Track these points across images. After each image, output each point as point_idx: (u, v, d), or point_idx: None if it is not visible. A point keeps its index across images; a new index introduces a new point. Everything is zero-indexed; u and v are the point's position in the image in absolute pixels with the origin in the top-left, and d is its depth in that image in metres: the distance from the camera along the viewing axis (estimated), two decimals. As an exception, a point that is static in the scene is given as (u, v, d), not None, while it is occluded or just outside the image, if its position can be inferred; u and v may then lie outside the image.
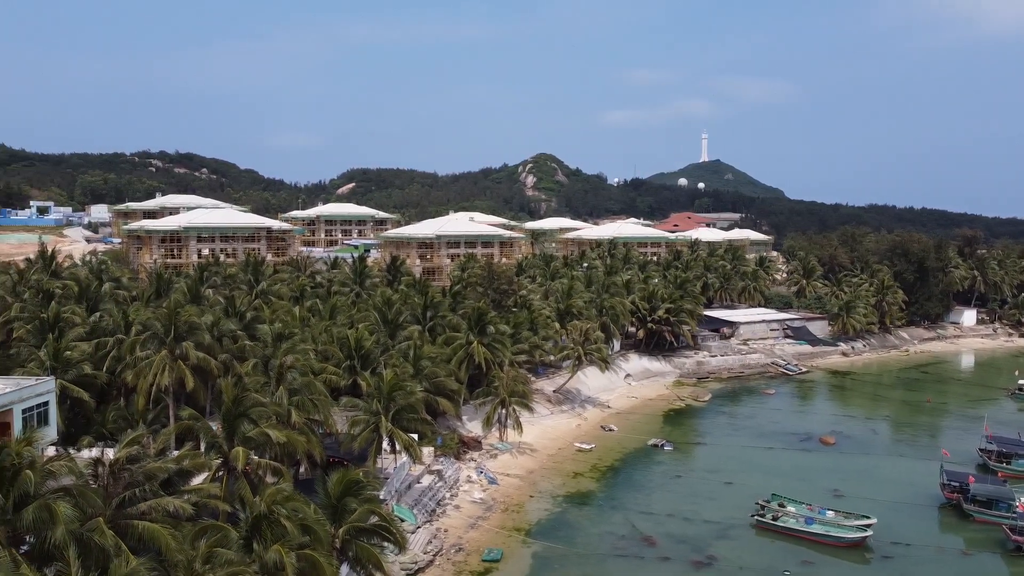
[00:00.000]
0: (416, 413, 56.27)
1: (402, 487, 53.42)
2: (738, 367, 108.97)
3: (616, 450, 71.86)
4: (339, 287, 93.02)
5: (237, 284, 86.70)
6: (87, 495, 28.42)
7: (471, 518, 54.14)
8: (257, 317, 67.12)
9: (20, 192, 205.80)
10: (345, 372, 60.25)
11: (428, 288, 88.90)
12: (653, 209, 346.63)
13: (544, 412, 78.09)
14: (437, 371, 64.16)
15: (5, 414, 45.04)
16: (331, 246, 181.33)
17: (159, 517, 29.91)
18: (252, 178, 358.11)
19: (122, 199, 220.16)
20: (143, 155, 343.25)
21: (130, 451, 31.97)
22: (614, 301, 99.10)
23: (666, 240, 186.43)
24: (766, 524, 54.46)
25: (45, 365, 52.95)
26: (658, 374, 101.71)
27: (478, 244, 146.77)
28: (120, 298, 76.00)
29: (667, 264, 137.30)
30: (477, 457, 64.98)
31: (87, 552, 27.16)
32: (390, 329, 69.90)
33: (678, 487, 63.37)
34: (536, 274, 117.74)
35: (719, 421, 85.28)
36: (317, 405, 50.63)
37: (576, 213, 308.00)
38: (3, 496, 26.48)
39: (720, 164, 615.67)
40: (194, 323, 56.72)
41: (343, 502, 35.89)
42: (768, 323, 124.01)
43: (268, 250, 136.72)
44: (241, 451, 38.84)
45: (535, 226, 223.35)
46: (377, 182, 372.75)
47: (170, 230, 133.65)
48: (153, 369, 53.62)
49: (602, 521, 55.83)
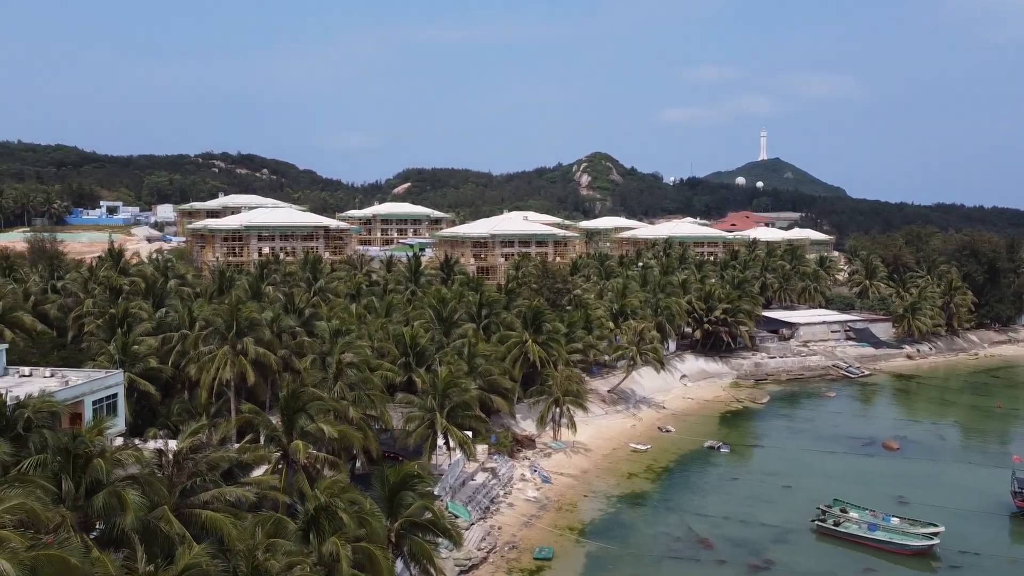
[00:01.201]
0: (470, 410, 56.50)
1: (456, 484, 53.69)
2: (797, 369, 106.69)
3: (671, 451, 71.03)
4: (395, 285, 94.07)
5: (296, 282, 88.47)
6: (153, 484, 29.25)
7: (525, 516, 54.13)
8: (315, 314, 68.35)
9: (91, 193, 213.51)
10: (401, 369, 60.84)
11: (483, 286, 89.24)
12: (710, 208, 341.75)
13: (598, 412, 77.64)
14: (491, 369, 64.33)
15: (76, 405, 46.71)
16: (387, 245, 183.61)
17: (221, 506, 30.63)
18: (311, 178, 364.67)
19: (186, 199, 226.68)
20: (206, 156, 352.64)
21: (193, 441, 32.83)
22: (670, 301, 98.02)
23: (723, 239, 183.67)
24: (827, 530, 53.14)
25: (114, 359, 54.73)
26: (715, 375, 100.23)
27: (532, 243, 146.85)
28: (184, 295, 78.22)
29: (724, 264, 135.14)
30: (531, 455, 64.93)
31: (153, 539, 27.98)
32: (445, 327, 70.37)
33: (735, 490, 62.29)
34: (591, 273, 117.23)
35: (777, 424, 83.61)
36: (374, 401, 51.23)
37: (631, 212, 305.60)
38: (75, 483, 27.44)
39: (779, 162, 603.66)
40: (254, 319, 58.02)
41: (399, 496, 36.20)
42: (829, 324, 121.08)
43: (326, 248, 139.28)
44: (301, 444, 39.55)
45: (589, 225, 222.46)
46: (432, 182, 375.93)
47: (232, 229, 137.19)
48: (215, 364, 55.01)
49: (657, 522, 55.24)
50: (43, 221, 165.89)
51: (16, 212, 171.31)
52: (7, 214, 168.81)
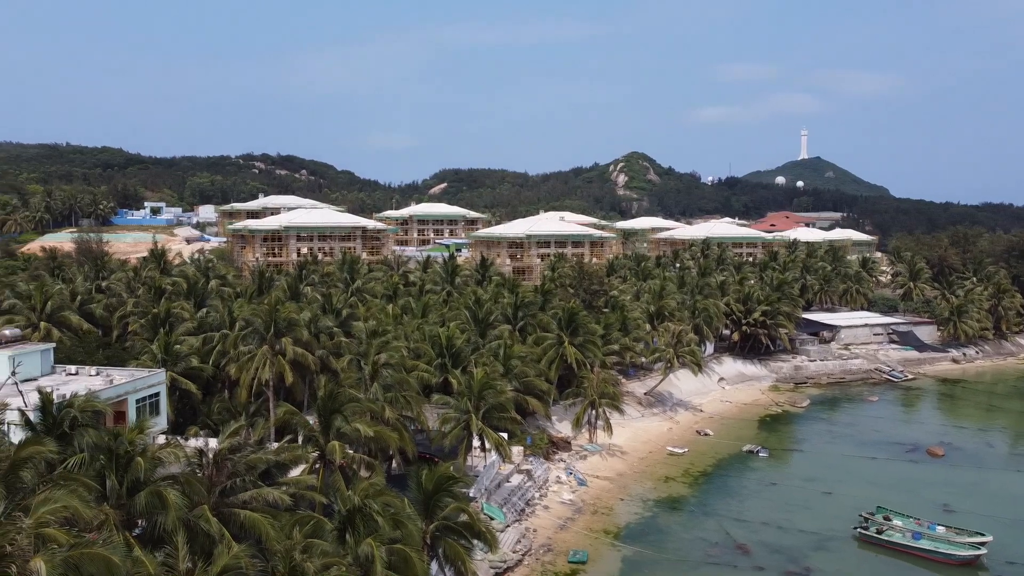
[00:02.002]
0: (506, 412, 56.45)
1: (492, 485, 53.69)
2: (838, 372, 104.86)
3: (709, 455, 70.22)
4: (431, 286, 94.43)
5: (334, 282, 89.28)
6: (193, 483, 29.68)
7: (560, 519, 53.93)
8: (352, 314, 68.88)
9: (136, 194, 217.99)
10: (436, 370, 61.02)
11: (518, 287, 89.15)
12: (749, 208, 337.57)
13: (635, 414, 77.09)
14: (527, 371, 64.25)
15: (121, 404, 47.68)
16: (423, 245, 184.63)
17: (259, 506, 30.95)
18: (349, 179, 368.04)
19: (227, 200, 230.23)
20: (247, 158, 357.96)
21: (232, 442, 33.24)
22: (708, 303, 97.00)
23: (762, 240, 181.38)
24: (870, 537, 52.07)
25: (157, 358, 55.75)
26: (753, 378, 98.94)
27: (568, 244, 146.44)
28: (225, 295, 79.33)
29: (764, 265, 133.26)
30: (566, 458, 64.71)
31: (193, 537, 28.37)
32: (480, 328, 70.43)
33: (774, 495, 61.36)
34: (627, 274, 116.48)
35: (817, 428, 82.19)
36: (410, 402, 51.45)
37: (668, 213, 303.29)
38: (117, 481, 27.93)
39: (820, 161, 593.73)
40: (293, 320, 58.62)
41: (434, 498, 36.28)
42: (871, 327, 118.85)
43: (363, 249, 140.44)
44: (337, 445, 39.83)
45: (626, 226, 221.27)
46: (468, 182, 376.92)
47: (271, 229, 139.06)
48: (255, 363, 55.70)
49: (694, 527, 54.64)
50: (90, 222, 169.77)
51: (64, 213, 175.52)
52: (55, 215, 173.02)
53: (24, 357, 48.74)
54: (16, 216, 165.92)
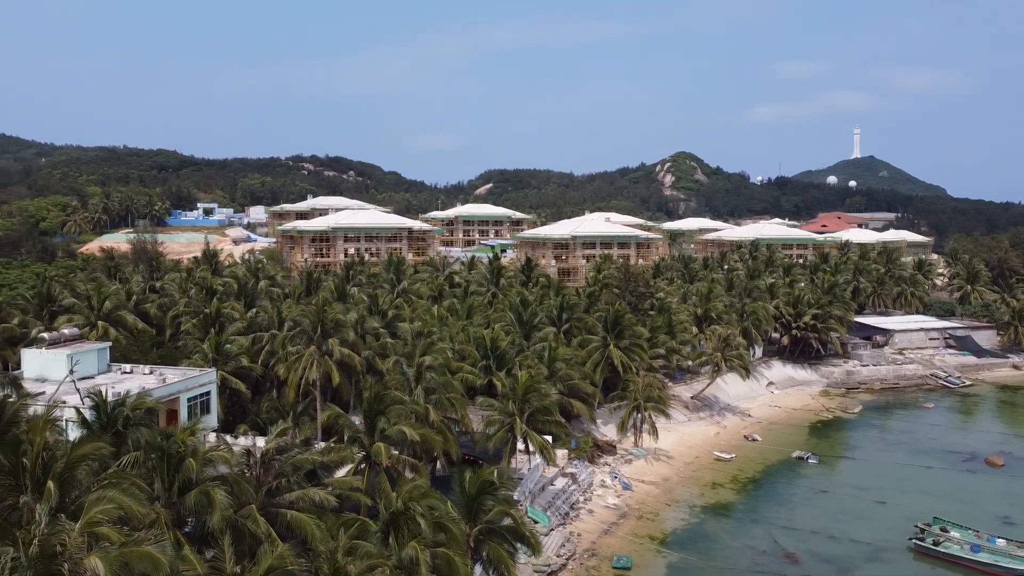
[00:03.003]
0: (550, 415, 56.18)
1: (536, 488, 53.48)
2: (892, 378, 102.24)
3: (757, 461, 69.02)
4: (476, 287, 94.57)
5: (380, 283, 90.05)
6: (241, 483, 30.10)
7: (604, 523, 53.51)
8: (398, 315, 69.37)
9: (189, 195, 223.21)
10: (481, 372, 60.99)
11: (563, 289, 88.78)
12: (799, 209, 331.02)
13: (681, 418, 76.19)
14: (572, 373, 63.90)
15: (173, 402, 48.70)
16: (468, 246, 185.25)
17: (305, 507, 31.27)
18: (395, 180, 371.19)
19: (277, 201, 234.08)
20: (296, 159, 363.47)
21: (279, 442, 33.68)
22: (756, 306, 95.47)
23: (813, 241, 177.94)
24: (926, 549, 50.53)
25: (208, 357, 56.73)
26: (803, 383, 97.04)
27: (614, 245, 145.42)
28: (274, 295, 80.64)
29: (814, 267, 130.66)
30: (611, 461, 64.19)
31: (240, 537, 28.77)
32: (525, 330, 70.25)
33: (824, 503, 60.06)
34: (674, 276, 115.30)
35: (870, 435, 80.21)
36: (454, 404, 51.53)
37: (716, 213, 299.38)
38: (168, 481, 28.47)
39: (874, 161, 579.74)
40: (340, 320, 59.24)
41: (478, 501, 36.21)
42: (927, 331, 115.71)
43: (409, 250, 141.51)
44: (383, 447, 40.07)
45: (673, 227, 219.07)
46: (514, 182, 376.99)
47: (319, 230, 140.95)
48: (302, 363, 56.39)
49: (742, 534, 53.73)
50: (145, 222, 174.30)
51: (121, 214, 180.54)
52: (113, 216, 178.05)
53: (82, 356, 50.07)
54: (76, 217, 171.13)
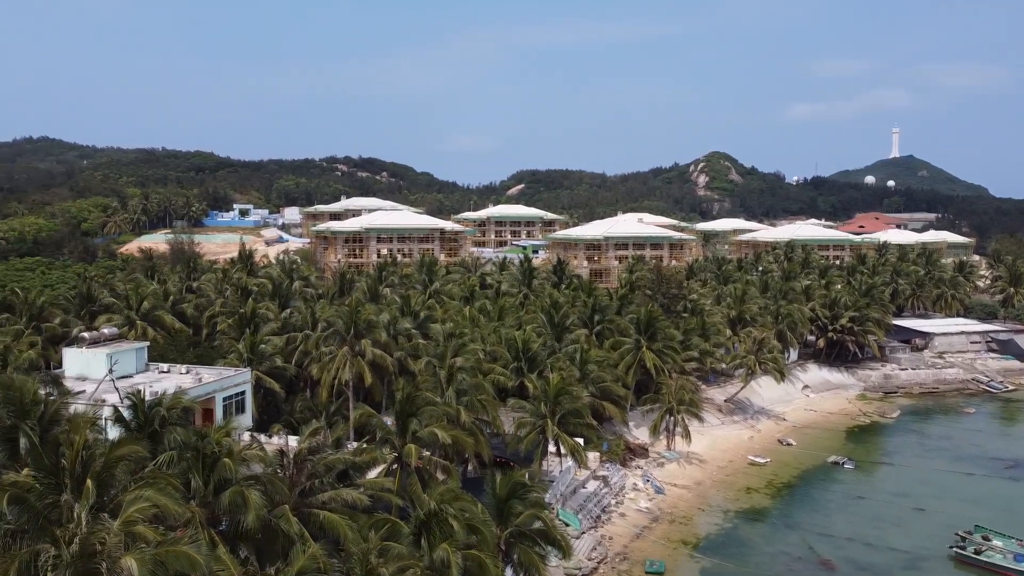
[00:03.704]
0: (582, 417, 55.93)
1: (567, 491, 53.27)
2: (932, 382, 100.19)
3: (792, 466, 68.06)
4: (508, 288, 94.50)
5: (412, 284, 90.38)
6: (275, 483, 30.36)
7: (636, 527, 53.14)
8: (430, 316, 69.54)
9: (226, 196, 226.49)
10: (512, 374, 60.94)
11: (595, 291, 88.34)
12: (836, 209, 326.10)
13: (714, 422, 75.42)
14: (604, 376, 63.55)
15: (209, 401, 49.42)
16: (500, 247, 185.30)
17: (338, 507, 31.44)
18: (428, 181, 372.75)
19: (312, 202, 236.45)
20: (330, 160, 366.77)
21: (312, 443, 33.91)
22: (791, 308, 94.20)
23: (850, 242, 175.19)
24: (967, 558, 49.41)
25: (243, 357, 57.44)
26: (839, 387, 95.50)
27: (647, 246, 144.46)
28: (308, 296, 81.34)
29: (851, 269, 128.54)
30: (643, 465, 63.73)
31: (274, 537, 29.04)
32: (557, 331, 70.03)
33: (861, 509, 59.03)
34: (707, 278, 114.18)
35: (908, 440, 78.64)
36: (485, 406, 51.51)
37: (751, 214, 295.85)
38: (203, 480, 28.80)
39: (913, 160, 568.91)
40: (372, 321, 59.55)
41: (509, 504, 36.12)
42: (968, 335, 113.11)
43: (441, 250, 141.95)
44: (413, 448, 40.17)
45: (707, 227, 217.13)
46: (546, 183, 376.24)
47: (353, 231, 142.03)
48: (335, 364, 56.81)
49: (776, 540, 53.02)
50: (183, 223, 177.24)
51: (159, 215, 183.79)
52: (151, 216, 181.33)
53: (120, 355, 50.99)
54: (116, 218, 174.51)
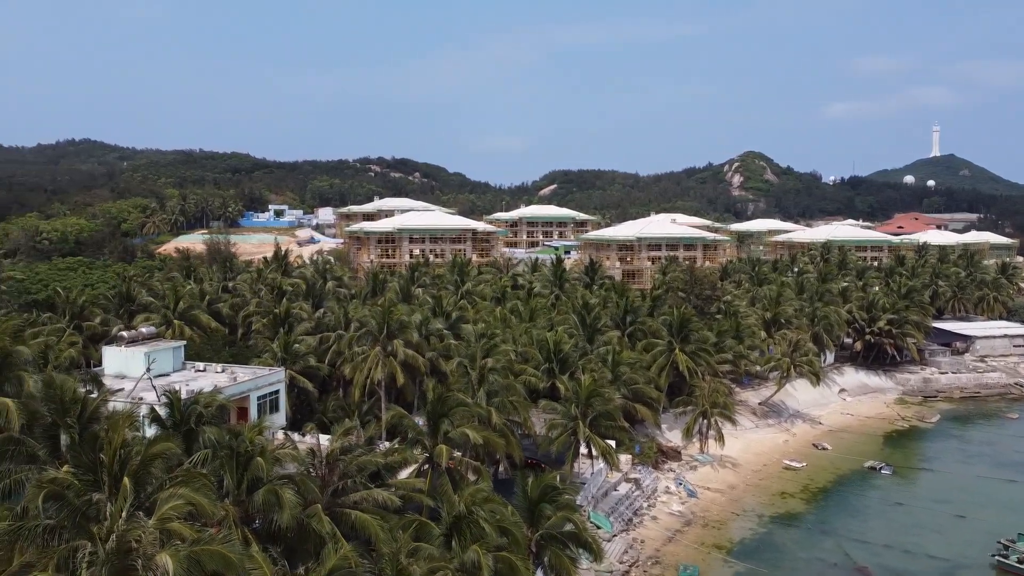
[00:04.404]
0: (614, 419, 55.59)
1: (599, 493, 52.99)
2: (973, 386, 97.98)
3: (828, 470, 66.98)
4: (539, 289, 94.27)
5: (444, 284, 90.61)
6: (307, 483, 30.55)
7: (669, 531, 52.67)
8: (462, 317, 69.61)
9: (261, 197, 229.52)
10: (544, 375, 60.73)
11: (627, 292, 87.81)
12: (874, 210, 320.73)
13: (748, 425, 74.52)
14: (636, 378, 63.09)
15: (243, 400, 49.93)
16: (532, 247, 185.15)
17: (369, 507, 31.57)
18: (460, 181, 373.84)
19: (345, 202, 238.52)
20: (363, 161, 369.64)
21: (344, 443, 34.10)
22: (828, 310, 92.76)
23: (889, 243, 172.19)
24: (1010, 567, 48.21)
25: (277, 356, 57.98)
26: (877, 390, 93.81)
27: (680, 246, 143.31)
28: (341, 296, 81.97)
29: (890, 270, 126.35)
30: (676, 468, 63.19)
31: (305, 536, 29.23)
32: (588, 333, 69.69)
33: (898, 516, 57.94)
34: (742, 279, 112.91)
35: (949, 446, 76.99)
36: (516, 407, 51.40)
37: (786, 214, 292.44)
38: (237, 479, 29.08)
39: (954, 159, 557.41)
40: (404, 321, 59.78)
41: (540, 506, 36.02)
42: (1011, 338, 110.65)
43: (473, 251, 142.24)
44: (444, 448, 40.21)
45: (741, 228, 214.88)
46: (578, 183, 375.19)
47: (385, 231, 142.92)
48: (367, 364, 57.12)
49: (811, 546, 52.22)
50: (219, 223, 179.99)
51: (196, 215, 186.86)
52: (189, 217, 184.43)
53: (158, 354, 51.68)
54: (155, 219, 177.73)
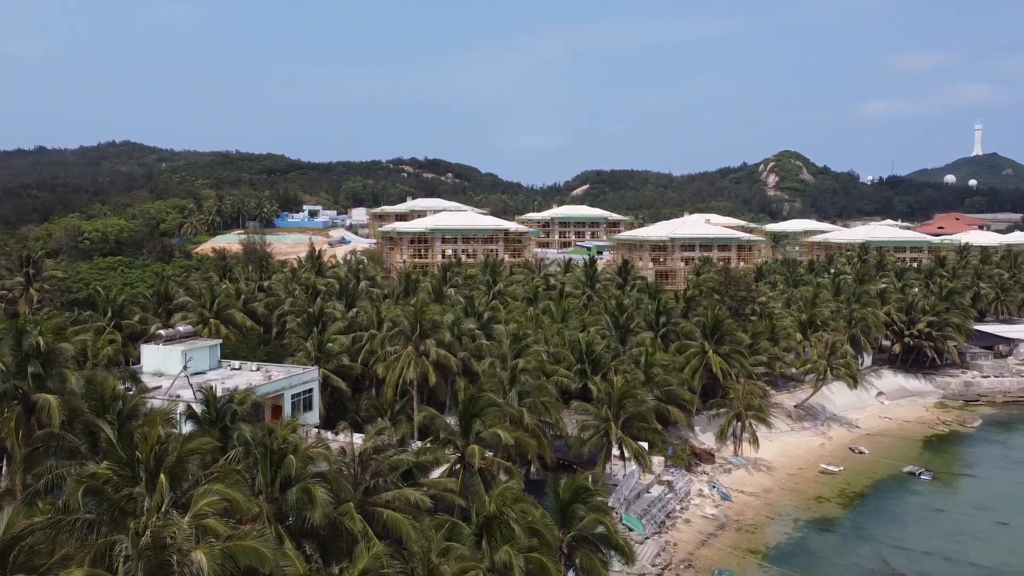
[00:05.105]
0: (646, 421, 55.18)
1: (631, 495, 52.61)
2: (1016, 391, 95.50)
3: (866, 475, 65.77)
4: (571, 289, 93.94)
5: (476, 284, 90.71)
6: (339, 481, 30.77)
7: (702, 534, 52.12)
8: (494, 317, 69.59)
9: (296, 197, 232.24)
10: (576, 376, 60.44)
11: (661, 293, 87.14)
12: (913, 210, 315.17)
13: (783, 428, 73.51)
14: (669, 379, 62.55)
15: (278, 398, 50.49)
16: (564, 247, 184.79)
17: (401, 507, 31.68)
18: (492, 181, 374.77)
19: (378, 202, 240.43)
20: (396, 162, 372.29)
21: (376, 442, 34.27)
22: (865, 312, 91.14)
23: (928, 244, 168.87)
24: (1053, 578, 46.89)
25: (311, 355, 58.51)
26: (916, 394, 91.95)
27: (714, 247, 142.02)
28: (374, 295, 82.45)
29: (929, 271, 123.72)
30: (709, 470, 62.53)
31: (338, 534, 29.41)
32: (621, 334, 69.25)
33: (938, 522, 56.69)
34: (777, 280, 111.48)
35: (991, 451, 75.15)
36: (548, 408, 51.25)
37: (823, 214, 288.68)
38: (271, 476, 29.35)
39: (997, 158, 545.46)
40: (436, 321, 59.91)
41: (571, 508, 35.84)
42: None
43: (505, 251, 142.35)
44: (476, 449, 40.20)
45: (776, 228, 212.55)
46: (611, 183, 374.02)
47: (418, 232, 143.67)
48: (400, 363, 57.34)
49: (848, 552, 51.29)
50: (255, 224, 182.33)
51: (233, 216, 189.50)
52: (225, 217, 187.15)
53: (195, 352, 52.53)
54: (192, 219, 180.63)
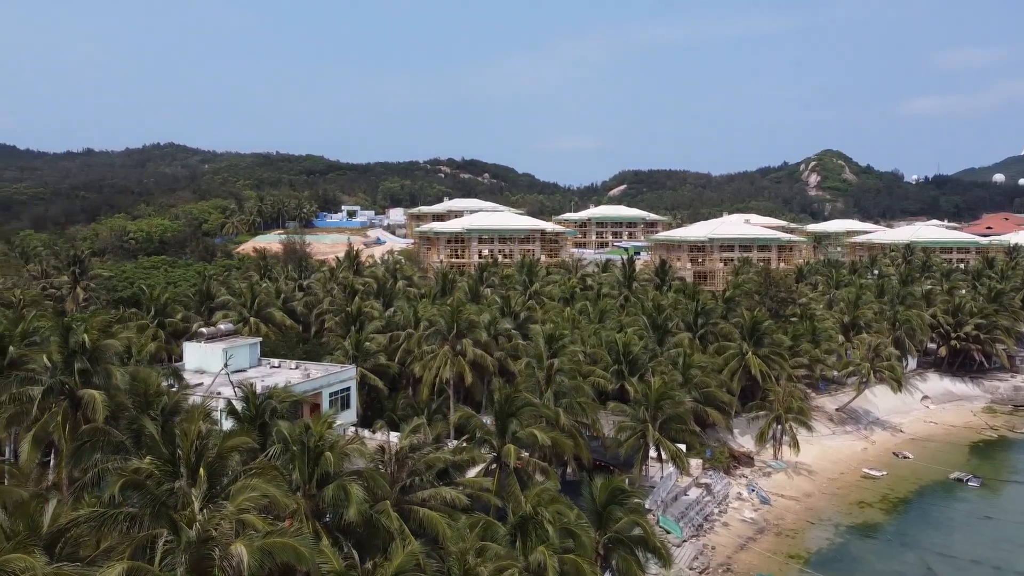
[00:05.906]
0: (684, 423, 54.61)
1: (668, 498, 52.09)
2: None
3: (910, 480, 64.29)
4: (608, 289, 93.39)
5: (512, 284, 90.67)
6: (376, 479, 30.90)
7: (740, 538, 51.39)
8: (530, 317, 69.49)
9: (335, 198, 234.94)
10: (613, 376, 60.08)
11: (699, 294, 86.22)
12: (960, 210, 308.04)
13: (824, 431, 72.21)
14: (707, 381, 61.84)
15: (316, 396, 50.97)
16: (601, 248, 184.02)
17: (437, 505, 31.72)
18: (529, 182, 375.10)
19: (416, 203, 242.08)
20: (434, 163, 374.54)
21: (413, 440, 34.37)
22: (910, 314, 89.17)
23: (976, 245, 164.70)
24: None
25: (348, 354, 59.00)
26: (963, 398, 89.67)
27: (754, 247, 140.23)
28: (411, 295, 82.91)
29: (977, 273, 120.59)
30: (748, 474, 61.65)
31: (374, 532, 29.54)
32: (659, 335, 68.67)
33: (986, 530, 55.16)
34: (819, 281, 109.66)
35: (1042, 458, 73.02)
36: (584, 408, 50.99)
37: (866, 214, 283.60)
38: (308, 473, 29.58)
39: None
40: (473, 321, 59.98)
41: (608, 510, 35.54)
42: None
43: (542, 251, 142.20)
44: (512, 448, 40.13)
45: (818, 228, 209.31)
46: (648, 183, 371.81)
47: (454, 232, 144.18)
48: (436, 363, 57.52)
49: (891, 558, 50.17)
50: (295, 224, 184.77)
51: (273, 216, 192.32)
52: (266, 218, 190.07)
53: (235, 350, 53.31)
54: (234, 219, 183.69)
